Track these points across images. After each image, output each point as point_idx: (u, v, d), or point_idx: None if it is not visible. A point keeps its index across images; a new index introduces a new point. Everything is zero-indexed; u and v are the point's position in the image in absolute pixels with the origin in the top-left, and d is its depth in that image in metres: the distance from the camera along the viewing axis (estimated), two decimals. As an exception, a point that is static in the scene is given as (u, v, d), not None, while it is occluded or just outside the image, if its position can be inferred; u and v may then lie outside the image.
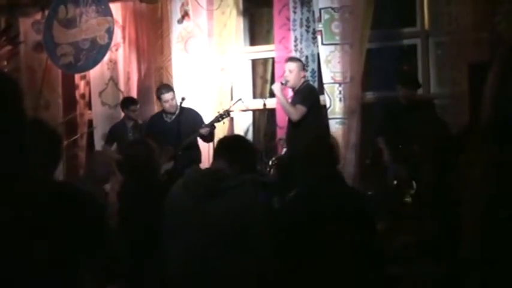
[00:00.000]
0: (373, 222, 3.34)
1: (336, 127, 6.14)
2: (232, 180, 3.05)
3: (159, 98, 6.11)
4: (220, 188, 3.01)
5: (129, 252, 3.45)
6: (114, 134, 6.55)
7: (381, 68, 6.18)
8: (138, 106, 6.47)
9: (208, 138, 5.86)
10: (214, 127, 5.91)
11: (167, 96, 5.95)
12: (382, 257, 3.24)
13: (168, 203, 3.17)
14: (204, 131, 5.75)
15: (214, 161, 3.35)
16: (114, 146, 6.60)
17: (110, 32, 6.74)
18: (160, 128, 5.92)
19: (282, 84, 5.66)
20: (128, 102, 6.49)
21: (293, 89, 5.72)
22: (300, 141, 5.65)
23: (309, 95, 5.70)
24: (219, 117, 5.86)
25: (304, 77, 5.80)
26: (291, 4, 6.44)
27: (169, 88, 6.07)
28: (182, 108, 5.99)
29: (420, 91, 5.83)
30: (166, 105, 5.96)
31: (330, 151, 3.48)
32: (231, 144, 3.32)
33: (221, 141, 3.46)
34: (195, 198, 3.03)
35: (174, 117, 5.95)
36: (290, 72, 5.62)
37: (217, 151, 3.33)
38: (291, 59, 5.87)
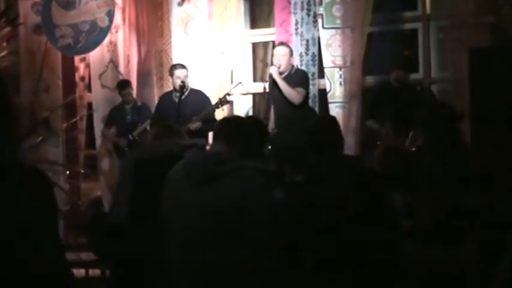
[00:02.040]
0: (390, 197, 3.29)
1: (336, 111, 6.14)
2: (232, 163, 3.03)
3: (171, 75, 6.11)
4: (220, 172, 3.00)
5: None
6: (113, 116, 6.57)
7: (382, 52, 6.16)
8: (129, 90, 6.46)
9: (206, 129, 5.74)
10: (214, 115, 5.86)
11: (179, 72, 5.95)
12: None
13: (167, 187, 3.16)
14: (193, 126, 5.67)
15: (213, 144, 3.33)
16: (113, 129, 6.61)
17: (110, 15, 6.70)
18: (168, 108, 5.90)
19: (278, 68, 5.61)
20: (120, 86, 6.53)
21: (281, 74, 5.60)
22: (302, 125, 5.71)
23: (304, 78, 5.76)
24: (217, 105, 5.82)
25: (292, 62, 5.81)
26: (292, -13, 6.41)
27: (183, 66, 6.08)
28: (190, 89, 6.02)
29: (418, 75, 5.86)
30: (178, 81, 5.93)
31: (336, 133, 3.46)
32: (231, 126, 3.28)
33: (221, 122, 3.43)
34: (195, 182, 3.01)
35: (183, 97, 5.92)
36: (283, 57, 5.60)
37: (216, 133, 3.30)
38: (283, 44, 5.86)
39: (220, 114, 6.09)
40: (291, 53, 5.77)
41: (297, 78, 5.64)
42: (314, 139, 3.39)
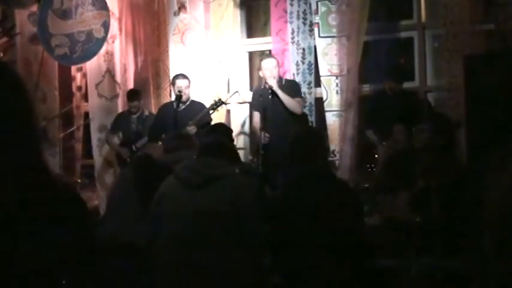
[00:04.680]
0: (360, 213, 3.35)
1: (332, 120, 6.15)
2: (225, 168, 3.09)
3: (173, 84, 6.16)
4: (212, 176, 3.06)
5: None
6: (119, 123, 6.57)
7: (378, 60, 6.18)
8: (136, 102, 6.43)
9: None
10: (211, 119, 5.89)
11: (181, 82, 5.97)
12: (371, 249, 3.25)
13: (161, 195, 3.19)
14: (190, 128, 5.70)
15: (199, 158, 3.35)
16: (116, 138, 6.60)
17: (106, 26, 6.70)
18: (167, 117, 5.93)
19: (278, 80, 5.66)
20: (128, 97, 6.51)
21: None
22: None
23: (299, 87, 5.91)
24: (212, 107, 5.87)
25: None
26: (288, -4, 6.43)
27: (185, 76, 6.10)
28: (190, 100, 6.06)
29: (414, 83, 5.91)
30: (177, 91, 5.97)
31: (320, 142, 3.48)
32: (214, 148, 3.34)
33: (203, 145, 3.48)
34: (191, 188, 3.07)
35: (183, 107, 5.95)
36: (275, 68, 5.65)
37: (200, 152, 3.35)
38: (271, 56, 5.93)
39: (216, 116, 6.10)
40: (278, 64, 5.84)
41: (292, 88, 5.71)
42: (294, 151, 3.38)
